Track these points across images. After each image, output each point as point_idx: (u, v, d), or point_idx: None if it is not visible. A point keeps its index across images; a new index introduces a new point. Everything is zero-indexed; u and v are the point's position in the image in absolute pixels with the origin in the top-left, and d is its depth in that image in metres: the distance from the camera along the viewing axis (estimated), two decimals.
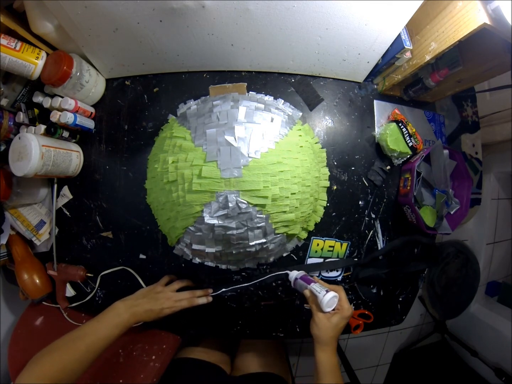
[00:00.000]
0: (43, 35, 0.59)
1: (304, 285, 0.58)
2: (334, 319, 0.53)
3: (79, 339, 0.50)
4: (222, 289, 0.67)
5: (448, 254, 1.47)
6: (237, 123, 0.55)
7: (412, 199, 0.65)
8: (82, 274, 0.68)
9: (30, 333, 0.71)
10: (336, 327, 0.53)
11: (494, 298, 1.62)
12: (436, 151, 0.67)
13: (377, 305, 0.74)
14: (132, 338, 0.71)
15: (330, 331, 0.53)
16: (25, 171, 0.55)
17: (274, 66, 0.67)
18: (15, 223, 0.68)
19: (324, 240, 0.69)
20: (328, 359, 0.53)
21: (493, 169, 1.49)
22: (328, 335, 0.53)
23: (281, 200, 0.55)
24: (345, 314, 0.54)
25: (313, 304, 0.56)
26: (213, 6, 0.51)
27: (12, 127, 0.66)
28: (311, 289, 0.56)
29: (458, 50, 0.61)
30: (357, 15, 0.53)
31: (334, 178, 0.68)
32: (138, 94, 0.68)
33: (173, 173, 0.55)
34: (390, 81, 0.68)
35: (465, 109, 0.84)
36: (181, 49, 0.61)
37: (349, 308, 0.55)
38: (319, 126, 0.69)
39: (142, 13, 0.52)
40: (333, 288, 0.57)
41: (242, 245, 0.57)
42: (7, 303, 0.82)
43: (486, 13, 0.45)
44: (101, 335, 0.52)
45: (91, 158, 0.69)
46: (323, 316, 0.54)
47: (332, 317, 0.54)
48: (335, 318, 0.53)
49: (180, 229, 0.59)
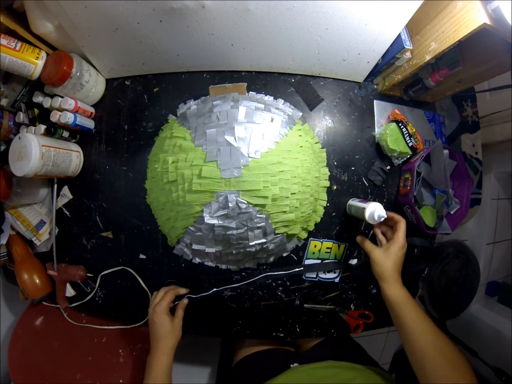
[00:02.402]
0: (43, 35, 0.59)
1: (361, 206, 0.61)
2: (391, 249, 0.54)
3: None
4: (213, 289, 0.66)
5: (448, 254, 1.47)
6: (237, 123, 0.55)
7: (412, 199, 0.65)
8: (82, 274, 0.67)
9: (30, 333, 0.71)
10: (394, 257, 0.54)
11: (494, 298, 1.61)
12: (436, 151, 0.67)
13: (377, 305, 0.74)
14: (132, 338, 0.71)
15: (390, 262, 0.54)
16: (25, 171, 0.55)
17: (274, 66, 0.67)
18: (15, 223, 0.68)
19: (321, 241, 0.69)
20: (398, 293, 0.52)
21: (493, 169, 1.49)
22: (388, 268, 0.54)
23: (281, 200, 0.55)
24: (400, 243, 0.55)
25: (367, 245, 0.58)
26: (213, 6, 0.51)
27: (12, 127, 0.66)
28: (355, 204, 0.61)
29: (458, 50, 0.61)
30: (357, 15, 0.53)
31: (334, 178, 0.68)
32: (138, 94, 0.68)
33: (173, 173, 0.55)
34: (390, 81, 0.68)
35: (465, 109, 0.84)
36: (181, 49, 0.61)
37: (404, 241, 0.55)
38: (319, 126, 0.69)
39: (142, 13, 0.52)
40: (395, 217, 0.58)
41: (242, 245, 0.57)
42: (7, 303, 0.82)
43: (486, 13, 0.45)
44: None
45: (91, 158, 0.69)
46: (379, 251, 0.56)
47: (389, 248, 0.55)
48: (392, 248, 0.54)
49: (180, 229, 0.59)
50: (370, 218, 0.58)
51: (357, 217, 0.64)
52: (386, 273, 0.54)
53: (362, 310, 0.72)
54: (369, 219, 0.59)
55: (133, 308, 0.70)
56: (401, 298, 0.52)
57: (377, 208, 0.58)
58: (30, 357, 0.68)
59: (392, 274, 0.54)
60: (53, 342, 0.70)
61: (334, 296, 0.71)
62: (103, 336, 0.71)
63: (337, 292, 0.71)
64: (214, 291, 0.66)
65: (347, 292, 0.72)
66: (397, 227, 0.57)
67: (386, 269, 0.54)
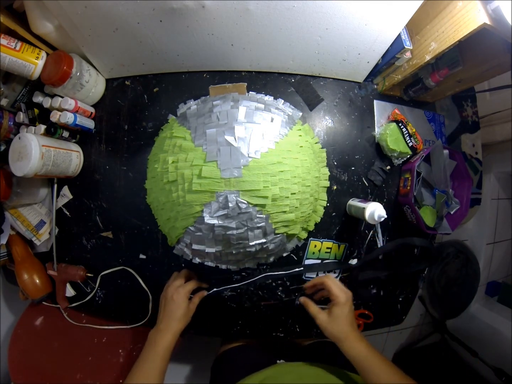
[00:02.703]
0: (43, 35, 0.59)
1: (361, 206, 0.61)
2: (334, 312, 0.52)
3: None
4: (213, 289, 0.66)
5: (448, 254, 1.47)
6: (237, 123, 0.54)
7: (412, 199, 0.65)
8: (82, 274, 0.67)
9: (30, 333, 0.71)
10: (340, 318, 0.52)
11: (494, 298, 1.62)
12: (436, 151, 0.67)
13: (377, 305, 0.74)
14: (132, 338, 0.71)
15: (337, 325, 0.51)
16: (25, 171, 0.55)
17: (274, 66, 0.67)
18: (15, 223, 0.68)
19: (321, 241, 0.69)
20: (357, 350, 0.49)
21: (493, 169, 1.49)
22: (338, 330, 0.51)
23: (281, 200, 0.55)
24: (341, 301, 0.52)
25: (312, 309, 0.55)
26: (213, 6, 0.51)
27: (12, 127, 0.66)
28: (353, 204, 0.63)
29: (458, 50, 0.61)
30: (357, 15, 0.53)
31: (334, 178, 0.68)
32: (138, 94, 0.68)
33: (173, 173, 0.55)
34: (390, 81, 0.68)
35: (465, 109, 0.84)
36: (181, 49, 0.61)
37: (341, 293, 0.53)
38: (319, 126, 0.69)
39: (142, 13, 0.52)
40: (317, 280, 0.56)
41: (242, 245, 0.57)
42: (7, 303, 0.82)
43: (486, 13, 0.45)
44: (152, 373, 0.52)
45: (91, 158, 0.69)
46: (323, 316, 0.53)
47: (332, 311, 0.52)
48: (335, 310, 0.52)
49: (180, 229, 0.59)
50: (370, 218, 0.59)
51: (357, 217, 0.64)
52: (338, 336, 0.51)
53: (362, 310, 0.72)
54: (369, 219, 0.59)
55: (133, 308, 0.70)
56: (361, 354, 0.49)
57: (377, 208, 0.58)
58: (30, 357, 0.68)
59: (344, 335, 0.51)
60: (53, 342, 0.70)
61: None
62: (103, 336, 0.71)
63: None
64: (214, 291, 0.66)
65: None
66: (326, 287, 0.54)
67: (336, 332, 0.51)
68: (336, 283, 0.55)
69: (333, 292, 0.53)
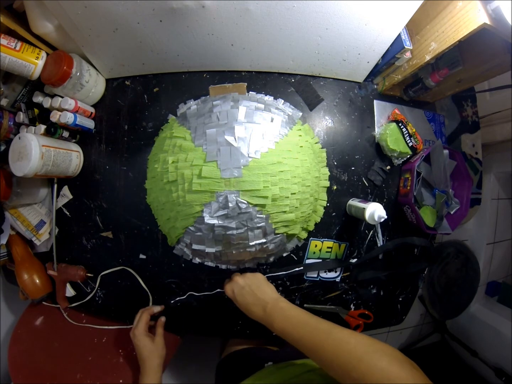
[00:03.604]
0: (43, 35, 0.59)
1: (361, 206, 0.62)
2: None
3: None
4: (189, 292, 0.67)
5: (448, 254, 1.47)
6: (237, 123, 0.55)
7: (412, 199, 0.65)
8: (82, 274, 0.67)
9: (30, 333, 0.71)
10: (242, 306, 0.55)
11: (494, 298, 1.62)
12: (436, 151, 0.67)
13: (377, 305, 0.74)
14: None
15: (239, 307, 0.56)
16: (25, 171, 0.55)
17: (274, 66, 0.67)
18: (15, 223, 0.68)
19: (322, 241, 0.69)
20: (278, 326, 0.48)
21: (493, 169, 1.49)
22: (242, 310, 0.55)
23: (281, 200, 0.55)
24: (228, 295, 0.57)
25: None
26: (213, 6, 0.51)
27: (12, 127, 0.66)
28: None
29: (458, 50, 0.61)
30: (357, 15, 0.53)
31: (334, 178, 0.68)
32: (138, 94, 0.68)
33: (173, 173, 0.55)
34: (390, 81, 0.68)
35: (465, 109, 0.84)
36: (181, 49, 0.61)
37: (227, 288, 0.57)
38: (319, 126, 0.69)
39: (142, 13, 0.52)
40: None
41: (242, 245, 0.57)
42: (7, 303, 0.82)
43: (486, 13, 0.45)
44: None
45: (91, 158, 0.69)
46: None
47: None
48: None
49: (180, 229, 0.59)
50: (370, 219, 0.59)
51: (357, 217, 0.64)
52: (246, 313, 0.55)
53: (362, 310, 0.72)
54: (369, 220, 0.59)
55: (133, 308, 0.69)
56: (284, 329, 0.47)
57: (377, 209, 0.58)
58: (30, 357, 0.68)
59: (248, 312, 0.54)
60: (53, 342, 0.70)
61: (334, 296, 0.71)
62: (103, 336, 0.71)
63: (337, 292, 0.71)
64: (218, 291, 0.66)
65: (347, 292, 0.72)
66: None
67: (244, 311, 0.55)
68: (229, 284, 0.58)
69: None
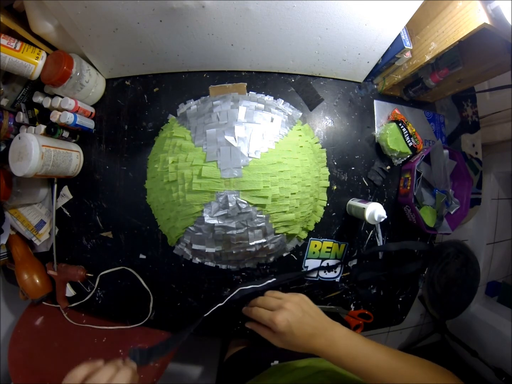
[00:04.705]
0: (43, 35, 0.59)
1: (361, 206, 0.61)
2: (282, 340, 0.46)
3: None
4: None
5: (448, 254, 1.47)
6: (237, 123, 0.55)
7: (412, 199, 0.65)
8: (82, 274, 0.67)
9: (30, 333, 0.71)
10: (293, 340, 0.46)
11: (494, 298, 1.62)
12: (436, 151, 0.67)
13: (377, 305, 0.74)
14: (132, 338, 0.71)
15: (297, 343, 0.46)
16: (25, 171, 0.55)
17: (274, 66, 0.67)
18: (15, 223, 0.68)
19: (322, 241, 0.69)
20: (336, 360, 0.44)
21: (493, 169, 1.49)
22: (299, 345, 0.46)
23: (281, 200, 0.55)
24: (277, 329, 0.45)
25: (263, 334, 0.49)
26: (213, 6, 0.51)
27: (12, 127, 0.66)
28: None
29: (458, 50, 0.61)
30: (357, 15, 0.53)
31: (334, 178, 0.68)
32: (138, 94, 0.68)
33: (173, 173, 0.55)
34: (390, 81, 0.68)
35: (465, 109, 0.84)
36: (181, 49, 0.61)
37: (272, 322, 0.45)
38: (319, 126, 0.69)
39: (142, 13, 0.52)
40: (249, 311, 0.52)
41: (242, 245, 0.57)
42: (7, 303, 0.82)
43: (486, 13, 0.45)
44: None
45: (91, 158, 0.69)
46: (276, 341, 0.47)
47: (275, 333, 0.46)
48: (282, 339, 0.46)
49: (180, 229, 0.59)
50: (370, 219, 0.58)
51: (357, 217, 0.64)
52: (301, 348, 0.45)
53: (362, 310, 0.72)
54: (369, 220, 0.59)
55: (133, 308, 0.70)
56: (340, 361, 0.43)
57: (377, 209, 0.58)
58: (30, 357, 0.68)
59: (307, 348, 0.45)
60: (53, 342, 0.70)
61: (334, 296, 0.71)
62: (103, 336, 0.71)
63: (337, 292, 0.71)
64: (229, 298, 0.60)
65: (347, 292, 0.72)
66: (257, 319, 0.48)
67: (300, 349, 0.45)
68: (261, 312, 0.48)
69: (265, 323, 0.47)
